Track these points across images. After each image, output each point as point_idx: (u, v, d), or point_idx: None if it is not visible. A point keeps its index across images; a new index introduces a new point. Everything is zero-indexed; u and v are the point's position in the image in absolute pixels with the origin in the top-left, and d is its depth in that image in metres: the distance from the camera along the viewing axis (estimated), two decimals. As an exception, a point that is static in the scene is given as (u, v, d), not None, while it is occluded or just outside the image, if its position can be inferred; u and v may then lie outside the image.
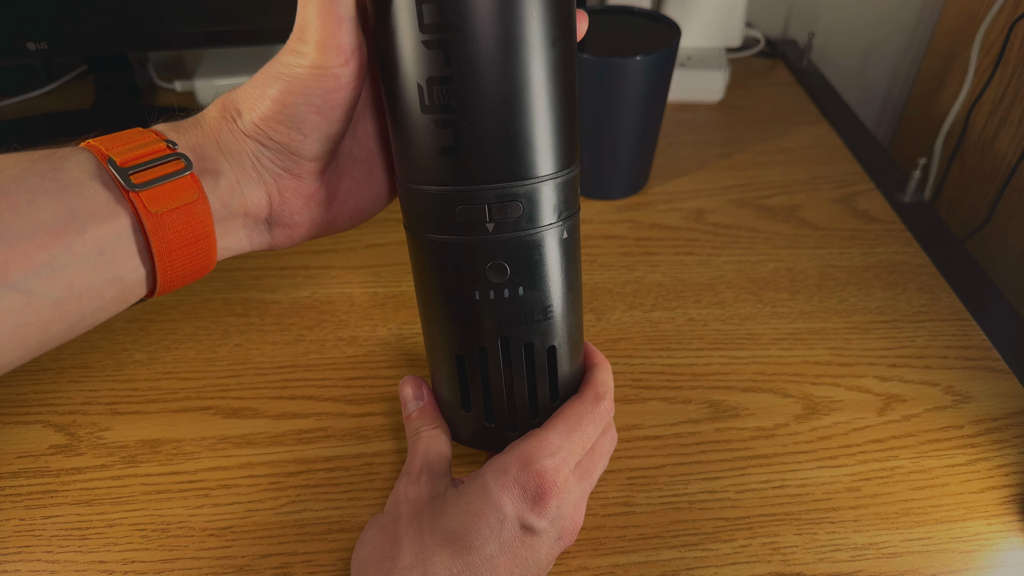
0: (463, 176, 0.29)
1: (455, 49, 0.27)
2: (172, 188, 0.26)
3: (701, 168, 0.64)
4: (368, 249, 0.55)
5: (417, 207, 0.31)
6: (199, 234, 0.27)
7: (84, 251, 0.25)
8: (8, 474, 0.40)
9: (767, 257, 0.54)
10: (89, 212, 0.25)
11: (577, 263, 0.34)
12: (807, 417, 0.43)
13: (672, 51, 0.52)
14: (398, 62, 0.28)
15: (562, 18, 0.28)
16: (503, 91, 0.28)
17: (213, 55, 0.74)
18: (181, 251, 0.27)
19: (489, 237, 0.30)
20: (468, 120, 0.28)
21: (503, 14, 0.27)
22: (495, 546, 0.31)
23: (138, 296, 0.28)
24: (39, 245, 0.24)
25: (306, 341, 0.48)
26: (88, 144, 0.27)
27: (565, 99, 0.29)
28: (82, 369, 0.46)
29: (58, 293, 0.25)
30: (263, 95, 0.28)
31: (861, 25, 0.84)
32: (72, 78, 0.76)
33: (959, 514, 0.38)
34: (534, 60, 0.28)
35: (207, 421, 0.43)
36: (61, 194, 0.25)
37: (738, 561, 0.36)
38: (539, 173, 0.30)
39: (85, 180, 0.25)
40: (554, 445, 0.32)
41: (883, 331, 0.48)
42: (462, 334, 0.33)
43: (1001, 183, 0.70)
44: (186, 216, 0.27)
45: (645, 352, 0.47)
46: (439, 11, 0.26)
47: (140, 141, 0.27)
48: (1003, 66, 0.69)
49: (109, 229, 0.25)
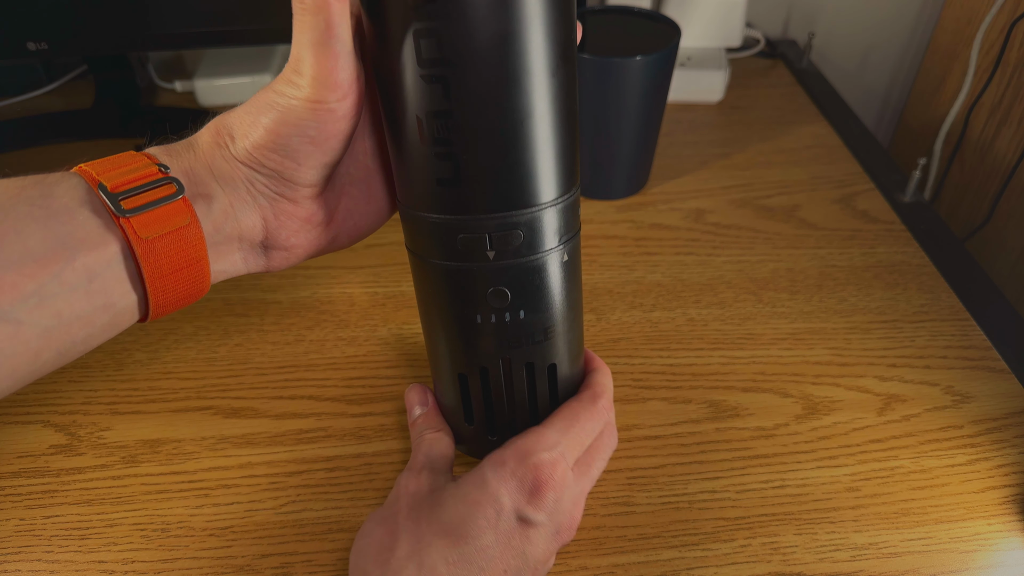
0: (463, 206, 0.29)
1: (454, 84, 0.26)
2: (164, 213, 0.26)
3: (701, 168, 0.64)
4: (368, 249, 0.55)
5: (418, 232, 0.31)
6: (191, 258, 0.27)
7: (74, 279, 0.24)
8: (8, 474, 0.40)
9: (767, 257, 0.54)
10: (79, 239, 0.25)
11: (578, 281, 0.34)
12: (807, 417, 0.43)
13: (672, 51, 0.52)
14: (397, 94, 0.28)
15: (562, 47, 0.27)
16: (503, 124, 0.27)
17: (213, 55, 0.74)
18: (173, 276, 0.27)
19: (490, 264, 0.30)
20: (467, 153, 0.28)
21: (502, 48, 0.26)
22: (491, 537, 0.31)
23: (130, 322, 0.27)
24: (27, 274, 0.23)
25: (306, 341, 0.48)
26: (79, 168, 0.27)
27: (566, 127, 0.29)
28: (82, 369, 0.46)
29: (47, 322, 0.24)
30: (256, 123, 0.28)
31: (861, 25, 0.84)
32: (72, 78, 0.76)
33: (959, 514, 0.38)
34: (534, 92, 0.27)
35: (207, 421, 0.43)
36: (50, 221, 0.24)
37: (738, 561, 0.36)
38: (540, 201, 0.30)
39: (75, 206, 0.25)
40: (552, 440, 0.33)
41: (883, 331, 0.48)
42: (464, 354, 0.34)
43: (1001, 183, 0.70)
44: (178, 241, 0.26)
45: (645, 352, 0.47)
46: (437, 47, 0.26)
47: (132, 165, 0.27)
48: (1003, 66, 0.69)
49: (99, 256, 0.25)
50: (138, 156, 0.27)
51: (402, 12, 0.25)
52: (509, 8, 0.25)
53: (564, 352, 0.35)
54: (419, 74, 0.26)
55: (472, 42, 0.26)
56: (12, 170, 0.26)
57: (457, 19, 0.25)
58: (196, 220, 0.27)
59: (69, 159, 0.63)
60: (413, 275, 0.34)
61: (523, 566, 0.31)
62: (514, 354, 0.33)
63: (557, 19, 0.27)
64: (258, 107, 0.28)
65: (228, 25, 0.61)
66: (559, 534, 0.32)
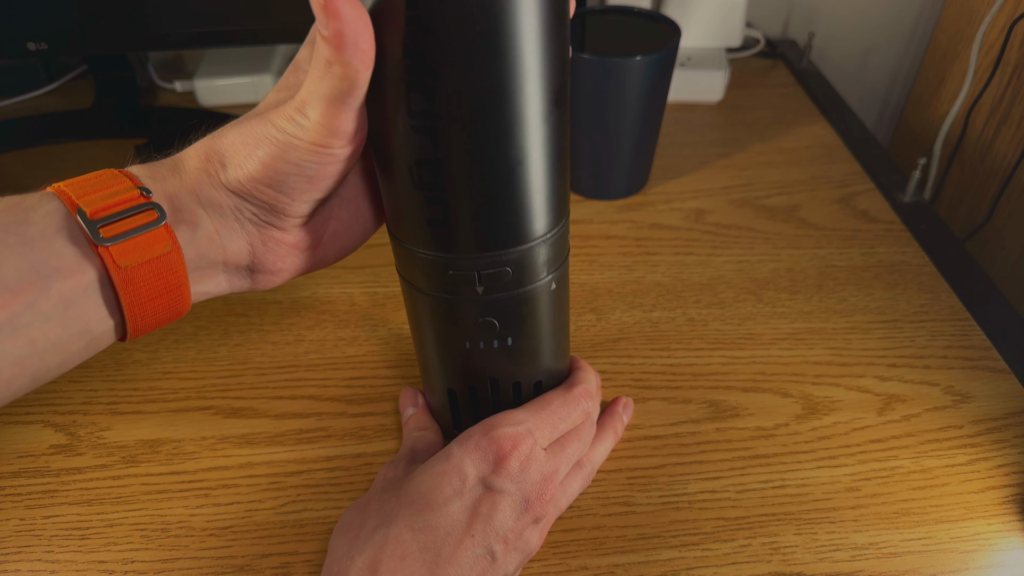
0: (452, 246, 0.29)
1: (443, 135, 0.26)
2: (144, 240, 0.25)
3: (701, 168, 0.64)
4: (368, 249, 0.55)
5: (409, 262, 0.31)
6: (171, 285, 0.26)
7: (48, 308, 0.24)
8: (8, 474, 0.40)
9: (767, 257, 0.54)
10: (54, 267, 0.24)
11: (565, 303, 0.35)
12: (807, 417, 0.43)
13: (672, 51, 0.52)
14: (388, 139, 0.27)
15: (555, 92, 0.26)
16: (493, 172, 0.27)
17: (213, 55, 0.74)
18: (152, 302, 0.26)
19: (479, 297, 0.31)
20: (457, 199, 0.27)
21: (493, 102, 0.25)
22: (457, 504, 0.31)
23: (107, 344, 0.27)
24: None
25: (306, 341, 0.48)
26: (58, 189, 0.25)
27: (557, 168, 0.29)
28: (82, 369, 0.46)
29: (20, 351, 0.24)
30: (252, 155, 0.27)
31: (861, 25, 0.84)
32: (72, 78, 0.76)
33: (959, 514, 0.38)
34: (526, 140, 0.27)
35: (207, 421, 0.43)
36: (25, 248, 0.24)
37: (738, 561, 0.36)
38: (530, 240, 0.30)
39: (51, 233, 0.24)
40: (518, 417, 0.34)
41: (883, 331, 0.48)
42: (453, 374, 0.35)
43: (1001, 183, 0.70)
44: (158, 268, 0.26)
45: (645, 352, 0.47)
46: (426, 100, 0.25)
47: (113, 188, 0.26)
48: (1003, 66, 0.69)
49: (75, 283, 0.24)
50: (120, 177, 0.26)
51: (393, 64, 0.25)
52: (502, 63, 0.24)
53: (550, 369, 0.36)
54: (409, 124, 0.26)
55: (462, 96, 0.25)
56: (12, 170, 0.26)
57: (446, 75, 0.24)
58: (178, 247, 0.26)
59: (69, 159, 0.63)
60: (404, 298, 0.35)
61: (489, 531, 0.31)
62: (502, 375, 0.35)
63: (551, 67, 0.26)
64: (255, 138, 0.27)
65: (228, 25, 0.61)
66: (528, 505, 0.32)
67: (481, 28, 0.23)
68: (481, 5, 0.23)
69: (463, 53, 0.24)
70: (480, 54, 0.24)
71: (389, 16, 0.23)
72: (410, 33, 0.23)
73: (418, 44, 0.24)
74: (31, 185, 0.26)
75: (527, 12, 0.24)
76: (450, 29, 0.23)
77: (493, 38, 0.24)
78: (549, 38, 0.25)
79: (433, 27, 0.23)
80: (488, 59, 0.24)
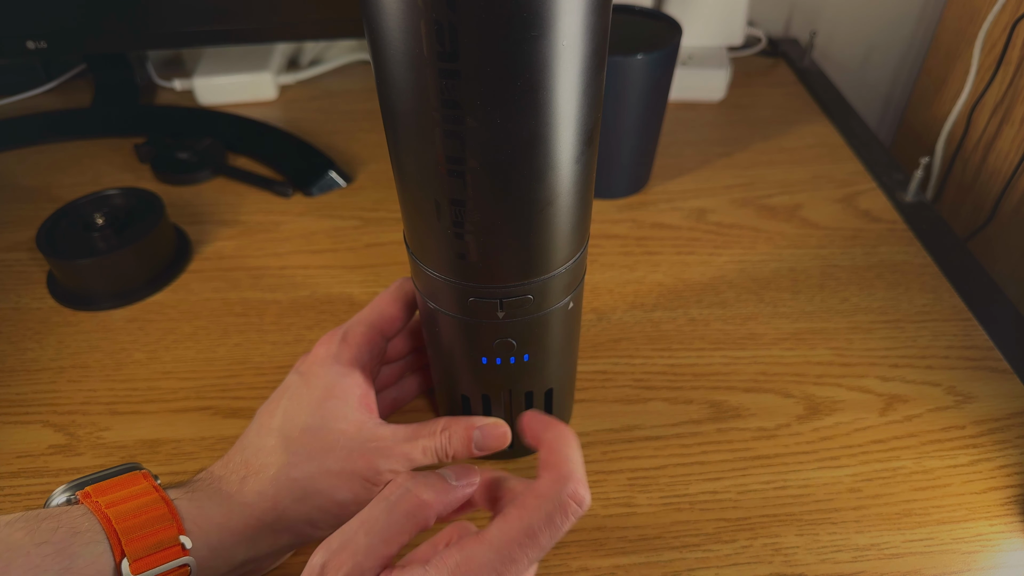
0: (476, 277, 0.29)
1: (474, 178, 0.25)
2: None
3: (702, 167, 0.63)
4: (368, 249, 0.55)
5: (428, 282, 0.31)
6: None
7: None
8: (8, 474, 0.40)
9: (769, 257, 0.54)
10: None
11: (579, 318, 0.36)
12: (809, 417, 0.43)
13: (673, 50, 0.52)
14: (417, 178, 0.27)
15: (589, 133, 0.26)
16: (521, 214, 0.27)
17: (212, 53, 0.74)
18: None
19: (499, 322, 0.31)
20: (484, 237, 0.27)
21: (526, 150, 0.25)
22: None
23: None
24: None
25: (306, 341, 0.48)
26: (105, 521, 0.28)
27: (583, 203, 0.28)
28: (81, 369, 0.46)
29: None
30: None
31: (863, 24, 0.84)
32: (71, 77, 0.76)
33: (961, 515, 0.38)
34: (557, 182, 0.26)
35: (206, 421, 0.43)
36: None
37: (739, 562, 0.36)
38: (552, 269, 0.30)
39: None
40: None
41: (885, 331, 0.48)
42: (467, 383, 0.36)
43: (1003, 182, 0.70)
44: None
45: (646, 352, 0.47)
46: (460, 147, 0.24)
47: (158, 537, 0.29)
48: (1005, 65, 0.69)
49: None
50: (168, 525, 0.29)
51: (427, 110, 0.24)
52: (540, 114, 0.24)
53: (562, 377, 0.37)
54: (440, 167, 0.25)
55: (498, 146, 0.24)
56: (12, 169, 0.26)
57: (483, 125, 0.24)
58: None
59: (69, 158, 0.63)
60: (419, 309, 0.35)
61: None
62: (515, 387, 0.35)
63: (588, 110, 0.25)
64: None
65: (227, 24, 0.61)
66: None
67: (524, 83, 0.23)
68: (524, 60, 0.22)
69: (502, 106, 0.23)
70: (519, 106, 0.23)
71: (427, 62, 0.22)
72: (447, 84, 0.23)
73: (455, 94, 0.23)
74: (31, 185, 0.26)
75: (570, 65, 0.23)
76: (491, 83, 0.23)
77: (534, 93, 0.23)
78: (589, 84, 0.24)
79: (471, 78, 0.22)
80: (528, 112, 0.24)
